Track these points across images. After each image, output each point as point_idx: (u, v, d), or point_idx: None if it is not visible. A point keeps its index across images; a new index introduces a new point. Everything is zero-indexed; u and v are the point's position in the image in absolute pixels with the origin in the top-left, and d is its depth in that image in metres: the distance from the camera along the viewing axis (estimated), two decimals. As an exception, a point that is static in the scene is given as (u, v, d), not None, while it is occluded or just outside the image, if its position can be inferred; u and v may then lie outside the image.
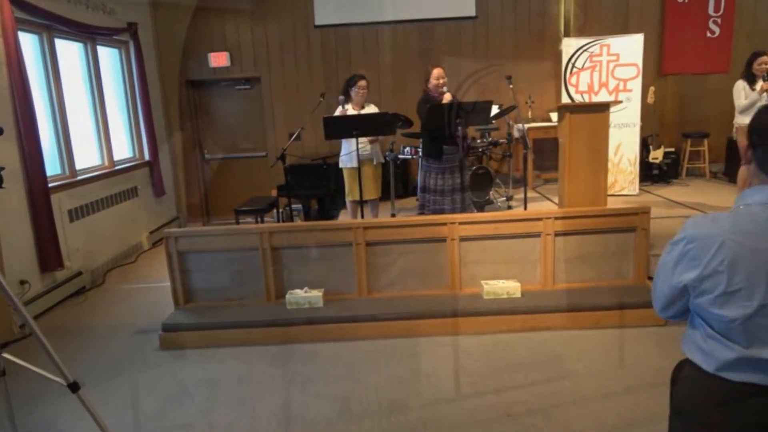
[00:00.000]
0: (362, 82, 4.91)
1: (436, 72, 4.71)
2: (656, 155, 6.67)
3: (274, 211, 5.96)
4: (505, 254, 3.91)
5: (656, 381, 2.92)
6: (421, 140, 4.94)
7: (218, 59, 6.96)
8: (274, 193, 6.04)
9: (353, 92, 4.91)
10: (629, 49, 6.02)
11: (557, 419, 2.66)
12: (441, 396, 2.91)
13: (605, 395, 2.84)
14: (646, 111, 6.35)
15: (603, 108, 4.39)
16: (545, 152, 6.70)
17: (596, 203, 4.35)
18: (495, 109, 5.53)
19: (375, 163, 5.06)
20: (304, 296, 3.85)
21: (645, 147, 6.64)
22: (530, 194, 6.02)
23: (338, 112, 4.93)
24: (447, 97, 4.64)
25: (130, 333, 3.95)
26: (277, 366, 3.36)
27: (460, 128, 4.40)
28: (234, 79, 7.07)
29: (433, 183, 4.77)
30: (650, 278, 4.11)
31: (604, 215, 3.91)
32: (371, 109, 5.04)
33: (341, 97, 4.94)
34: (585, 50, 6.18)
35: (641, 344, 3.40)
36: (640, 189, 6.25)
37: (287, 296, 3.87)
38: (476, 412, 2.74)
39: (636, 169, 6.15)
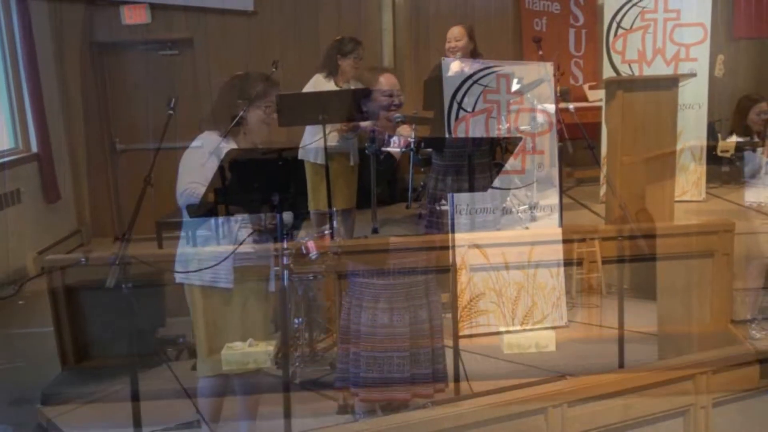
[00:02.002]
0: (360, 50, 4.91)
1: (451, 31, 4.77)
2: (726, 147, 6.54)
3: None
4: (533, 290, 3.85)
5: None
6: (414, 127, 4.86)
7: (134, 14, 6.79)
8: (212, 198, 5.83)
9: (345, 63, 4.84)
10: (693, 3, 5.98)
11: None
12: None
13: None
14: (714, 87, 6.30)
15: (670, 84, 4.38)
16: (579, 142, 6.65)
17: (659, 217, 4.27)
18: (515, 85, 5.42)
19: (352, 163, 4.88)
20: (248, 352, 3.59)
21: (712, 135, 6.54)
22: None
23: (318, 85, 4.81)
24: (455, 67, 4.57)
25: (2, 404, 3.82)
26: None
27: (464, 111, 4.36)
28: (157, 41, 6.99)
29: (432, 185, 4.65)
30: (733, 321, 3.95)
31: (672, 234, 3.81)
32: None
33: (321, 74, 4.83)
34: (634, 5, 6.15)
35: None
36: (706, 192, 6.20)
37: (223, 352, 3.58)
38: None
39: (702, 167, 6.13)
